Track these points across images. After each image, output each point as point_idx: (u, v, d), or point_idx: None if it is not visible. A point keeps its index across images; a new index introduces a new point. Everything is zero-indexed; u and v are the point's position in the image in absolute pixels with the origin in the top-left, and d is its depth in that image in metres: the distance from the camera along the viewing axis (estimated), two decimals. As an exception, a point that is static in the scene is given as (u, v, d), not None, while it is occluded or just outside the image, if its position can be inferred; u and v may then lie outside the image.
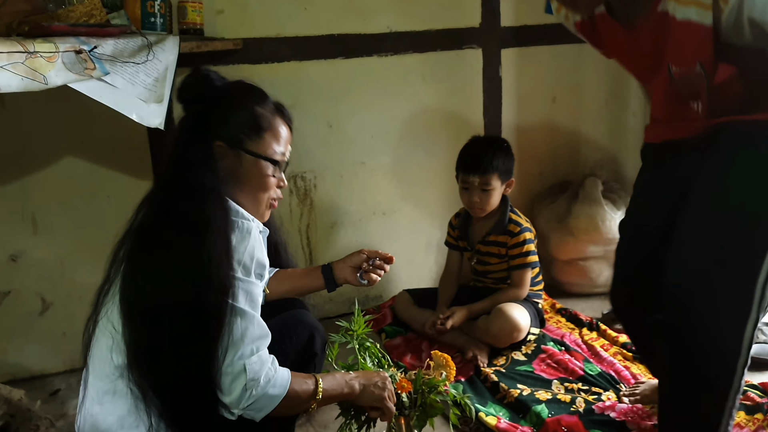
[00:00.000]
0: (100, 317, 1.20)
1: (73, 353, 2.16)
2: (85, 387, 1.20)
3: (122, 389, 1.15)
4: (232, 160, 1.25)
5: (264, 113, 1.28)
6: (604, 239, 2.39)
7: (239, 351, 1.14)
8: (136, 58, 1.64)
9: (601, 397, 1.78)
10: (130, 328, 1.15)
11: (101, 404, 1.16)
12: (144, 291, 1.14)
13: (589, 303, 2.46)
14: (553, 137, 2.67)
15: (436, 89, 2.43)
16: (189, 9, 1.94)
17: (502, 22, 2.46)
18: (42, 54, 1.45)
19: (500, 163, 2.08)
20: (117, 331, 1.16)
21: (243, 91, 1.31)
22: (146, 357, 1.14)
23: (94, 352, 1.20)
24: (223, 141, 1.25)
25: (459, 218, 2.27)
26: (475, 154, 2.11)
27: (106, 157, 2.08)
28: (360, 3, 2.26)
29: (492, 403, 1.81)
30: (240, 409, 1.16)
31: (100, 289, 1.23)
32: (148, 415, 1.14)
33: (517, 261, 2.12)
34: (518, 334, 2.01)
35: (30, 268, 2.07)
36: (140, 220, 1.22)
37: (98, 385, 1.18)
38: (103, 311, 1.20)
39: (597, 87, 2.68)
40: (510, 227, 2.12)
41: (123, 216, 2.09)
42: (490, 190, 2.08)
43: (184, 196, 1.18)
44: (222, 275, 1.12)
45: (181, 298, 1.11)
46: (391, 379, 1.43)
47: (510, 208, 2.16)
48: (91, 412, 1.17)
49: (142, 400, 1.14)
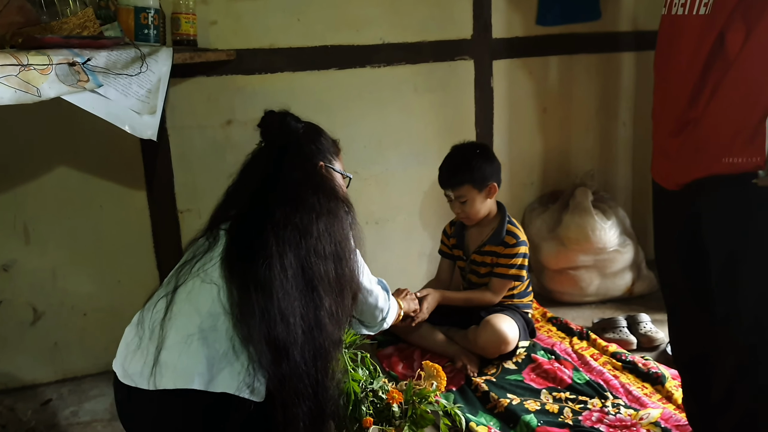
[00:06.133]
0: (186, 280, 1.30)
1: (65, 363, 2.16)
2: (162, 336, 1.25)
3: (223, 330, 1.23)
4: (325, 176, 1.54)
5: (333, 141, 1.63)
6: (594, 249, 2.42)
7: (374, 290, 1.57)
8: (129, 70, 1.65)
9: (587, 405, 1.80)
10: (253, 296, 1.24)
11: (188, 345, 1.22)
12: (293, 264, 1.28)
13: (580, 312, 2.47)
14: (544, 147, 2.69)
15: (428, 100, 2.45)
16: (182, 20, 1.95)
17: (493, 34, 2.48)
18: (35, 66, 1.46)
19: (471, 173, 2.07)
20: (221, 284, 1.26)
21: (317, 126, 1.61)
22: (273, 325, 1.23)
23: (186, 298, 1.27)
24: (323, 162, 1.54)
25: (454, 226, 2.28)
26: (445, 167, 2.14)
27: (99, 168, 2.08)
28: (353, 15, 2.28)
29: (482, 413, 1.82)
30: (385, 326, 1.68)
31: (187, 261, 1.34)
32: (249, 360, 1.22)
33: (501, 270, 2.13)
34: (506, 347, 2.02)
35: (22, 278, 2.07)
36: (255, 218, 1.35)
37: (189, 326, 1.24)
38: (195, 270, 1.30)
39: (587, 98, 2.70)
40: (507, 239, 2.13)
41: (115, 226, 2.12)
42: (467, 200, 2.09)
43: (310, 193, 1.39)
44: (349, 251, 1.39)
45: (329, 272, 1.33)
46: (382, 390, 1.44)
47: (508, 219, 2.16)
48: (170, 356, 1.22)
49: (245, 350, 1.22)
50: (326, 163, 1.55)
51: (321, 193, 1.40)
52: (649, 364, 1.97)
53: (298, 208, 1.34)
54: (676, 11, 1.30)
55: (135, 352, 1.28)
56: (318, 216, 1.35)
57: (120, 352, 1.32)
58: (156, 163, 2.12)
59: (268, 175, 1.43)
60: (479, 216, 2.14)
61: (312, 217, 1.34)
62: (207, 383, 1.21)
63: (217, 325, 1.24)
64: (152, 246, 2.18)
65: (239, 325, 1.23)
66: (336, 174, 1.58)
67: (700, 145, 1.27)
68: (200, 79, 2.13)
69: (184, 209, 2.18)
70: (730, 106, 1.21)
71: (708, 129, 1.25)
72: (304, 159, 1.49)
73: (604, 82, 2.71)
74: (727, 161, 1.22)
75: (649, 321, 2.24)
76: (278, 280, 1.25)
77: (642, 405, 1.79)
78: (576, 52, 2.63)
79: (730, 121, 1.22)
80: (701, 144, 1.26)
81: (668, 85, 1.35)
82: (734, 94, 1.21)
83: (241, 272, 1.26)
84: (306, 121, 1.58)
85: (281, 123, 1.51)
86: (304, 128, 1.54)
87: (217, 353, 1.22)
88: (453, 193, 2.11)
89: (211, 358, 1.22)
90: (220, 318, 1.24)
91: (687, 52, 1.27)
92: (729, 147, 1.22)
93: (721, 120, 1.23)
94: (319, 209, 1.36)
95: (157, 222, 2.17)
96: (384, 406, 1.57)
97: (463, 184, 2.08)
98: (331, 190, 1.45)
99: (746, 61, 1.18)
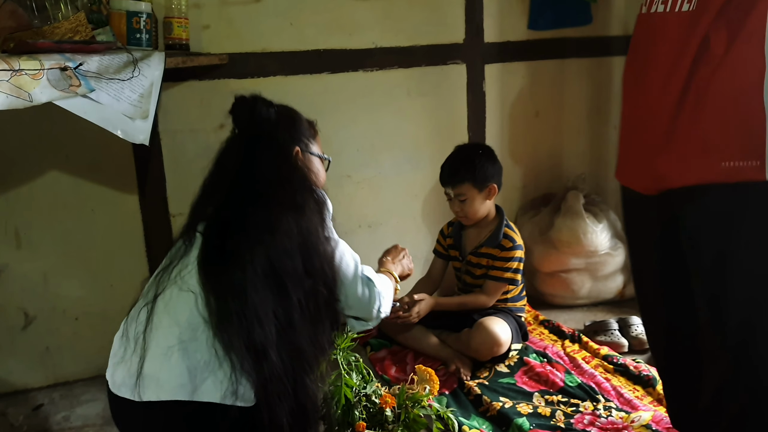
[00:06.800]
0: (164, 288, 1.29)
1: (56, 367, 2.15)
2: (144, 348, 1.25)
3: (203, 340, 1.23)
4: (302, 161, 1.51)
5: (309, 123, 1.59)
6: (586, 252, 2.43)
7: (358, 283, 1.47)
8: (121, 75, 1.64)
9: (579, 408, 1.81)
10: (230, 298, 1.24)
11: (168, 357, 1.23)
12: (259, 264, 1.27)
13: (572, 315, 2.49)
14: (536, 151, 2.71)
15: (421, 103, 2.46)
16: (175, 24, 1.95)
17: (485, 38, 2.49)
18: (27, 71, 1.45)
19: (473, 172, 2.08)
20: (198, 292, 1.26)
21: (291, 109, 1.57)
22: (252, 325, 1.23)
23: (164, 308, 1.27)
24: (299, 147, 1.50)
25: (452, 226, 2.28)
26: (447, 165, 2.15)
27: (90, 172, 2.08)
28: (345, 19, 2.28)
29: (475, 416, 1.82)
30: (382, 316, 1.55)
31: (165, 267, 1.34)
32: (232, 367, 1.22)
33: (496, 272, 2.14)
34: (498, 349, 2.02)
35: (13, 282, 2.06)
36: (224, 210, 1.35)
37: (169, 338, 1.24)
38: (170, 282, 1.29)
39: (579, 101, 2.72)
40: (503, 242, 2.14)
41: (107, 230, 2.12)
42: (466, 199, 2.10)
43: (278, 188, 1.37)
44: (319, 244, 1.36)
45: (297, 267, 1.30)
46: (375, 394, 1.45)
47: (506, 222, 2.17)
48: (152, 369, 1.23)
49: (227, 357, 1.22)
50: (302, 148, 1.52)
51: (291, 186, 1.38)
52: (641, 366, 1.98)
53: (268, 204, 1.33)
54: (656, 9, 1.25)
55: (119, 364, 1.28)
56: (286, 211, 1.33)
57: (110, 362, 1.33)
58: (148, 167, 2.12)
59: (241, 166, 1.40)
60: (477, 216, 2.14)
61: (280, 213, 1.32)
62: (191, 393, 1.21)
63: (197, 335, 1.24)
64: (144, 250, 2.17)
65: (219, 334, 1.23)
66: (314, 158, 1.55)
67: (693, 150, 1.21)
68: (192, 83, 2.13)
69: (177, 213, 2.18)
70: (723, 108, 1.16)
71: (701, 132, 1.19)
72: (277, 148, 1.45)
73: (596, 85, 2.73)
74: (726, 165, 1.17)
75: (640, 324, 2.25)
76: (251, 282, 1.24)
77: (633, 408, 1.80)
78: (567, 56, 2.65)
79: (725, 123, 1.17)
80: (695, 149, 1.21)
81: (649, 88, 1.29)
82: (725, 95, 1.16)
83: (215, 279, 1.26)
84: (279, 104, 1.52)
85: (252, 111, 1.46)
86: (276, 114, 1.48)
87: (199, 363, 1.22)
88: (453, 191, 2.12)
89: (193, 368, 1.22)
90: (200, 327, 1.24)
91: (671, 52, 1.21)
92: (726, 151, 1.17)
93: (714, 123, 1.18)
94: (289, 204, 1.34)
95: (149, 226, 2.16)
96: (377, 410, 1.58)
97: (463, 182, 2.09)
98: (301, 181, 1.43)
99: (736, 58, 1.14)
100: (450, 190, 2.13)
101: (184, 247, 1.34)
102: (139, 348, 1.25)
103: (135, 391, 1.22)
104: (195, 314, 1.25)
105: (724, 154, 1.17)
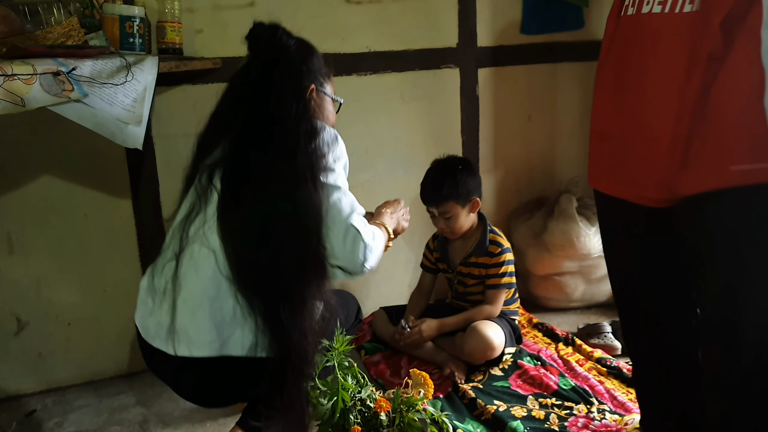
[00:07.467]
0: (187, 243, 1.34)
1: (49, 373, 2.13)
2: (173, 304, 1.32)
3: (227, 296, 1.30)
4: (315, 100, 1.49)
5: (326, 61, 1.54)
6: (579, 255, 2.44)
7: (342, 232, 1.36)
8: (114, 79, 1.64)
9: (573, 411, 1.82)
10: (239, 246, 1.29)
11: (198, 311, 1.30)
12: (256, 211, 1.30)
13: (565, 317, 2.50)
14: (529, 154, 2.72)
15: (414, 108, 2.47)
16: (168, 29, 1.95)
17: (478, 43, 2.50)
18: (20, 76, 1.45)
19: (455, 188, 2.06)
20: (218, 249, 1.30)
21: (310, 44, 1.52)
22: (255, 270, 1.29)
23: (189, 264, 1.32)
24: (314, 84, 1.47)
25: (437, 240, 2.28)
26: (428, 184, 2.13)
27: (83, 176, 2.07)
28: (339, 23, 2.29)
29: (470, 420, 1.83)
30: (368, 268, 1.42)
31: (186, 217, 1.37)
32: (253, 317, 1.29)
33: (492, 281, 2.14)
34: (492, 353, 2.03)
35: (5, 288, 2.05)
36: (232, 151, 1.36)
37: (197, 293, 1.31)
38: (192, 236, 1.34)
39: (571, 105, 2.73)
40: (491, 248, 2.14)
41: (100, 235, 2.11)
42: (451, 216, 2.09)
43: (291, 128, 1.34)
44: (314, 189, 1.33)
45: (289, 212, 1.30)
46: (370, 398, 1.45)
47: (490, 229, 2.17)
48: (183, 325, 1.31)
49: (248, 305, 1.29)
50: (317, 86, 1.48)
51: (301, 127, 1.35)
52: (634, 369, 1.99)
53: (280, 151, 1.32)
54: (650, 9, 1.19)
55: (149, 315, 1.37)
56: (294, 156, 1.32)
57: (138, 310, 1.41)
58: (141, 172, 2.11)
59: (254, 95, 1.36)
60: (463, 230, 2.14)
61: (291, 159, 1.32)
62: (219, 348, 1.29)
63: (220, 292, 1.30)
64: (138, 255, 2.17)
65: (240, 283, 1.29)
66: (326, 98, 1.53)
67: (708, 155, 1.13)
68: (186, 88, 2.13)
69: (170, 218, 2.16)
70: (731, 110, 1.10)
71: (714, 136, 1.12)
72: (294, 81, 1.39)
73: (588, 89, 2.74)
74: (736, 169, 1.10)
75: (633, 326, 2.27)
76: (266, 229, 1.29)
77: (627, 410, 1.81)
78: (560, 60, 2.66)
79: (734, 126, 1.10)
80: (710, 154, 1.13)
81: (645, 93, 1.22)
82: (732, 97, 1.09)
83: (234, 233, 1.30)
84: (298, 37, 1.46)
85: (271, 36, 1.39)
86: (296, 44, 1.42)
87: (225, 318, 1.29)
88: (437, 210, 2.11)
89: (220, 324, 1.29)
90: (223, 284, 1.30)
91: (675, 56, 1.14)
92: (737, 154, 1.10)
93: (723, 126, 1.11)
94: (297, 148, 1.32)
95: (143, 230, 2.16)
96: (372, 414, 1.57)
97: (447, 201, 2.07)
98: (312, 121, 1.39)
99: (739, 58, 1.07)
100: (434, 209, 2.11)
101: (198, 200, 1.36)
102: (167, 303, 1.32)
103: (169, 344, 1.32)
104: (217, 272, 1.30)
105: (738, 157, 1.11)
